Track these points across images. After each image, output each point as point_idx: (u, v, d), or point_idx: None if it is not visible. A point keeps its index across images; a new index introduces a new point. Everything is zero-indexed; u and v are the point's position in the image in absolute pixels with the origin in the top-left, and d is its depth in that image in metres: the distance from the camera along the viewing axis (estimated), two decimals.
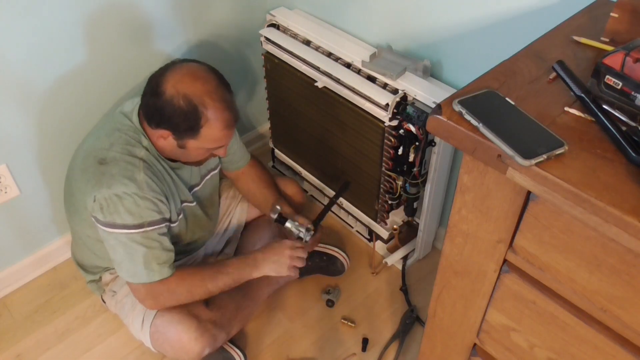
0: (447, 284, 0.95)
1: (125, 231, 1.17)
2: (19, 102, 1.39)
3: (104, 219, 1.17)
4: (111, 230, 1.18)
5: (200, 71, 1.17)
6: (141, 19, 1.50)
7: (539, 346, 0.85)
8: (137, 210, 1.17)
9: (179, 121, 1.15)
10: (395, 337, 1.53)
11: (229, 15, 1.71)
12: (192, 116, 1.14)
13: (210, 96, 1.15)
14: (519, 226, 0.75)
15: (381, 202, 1.60)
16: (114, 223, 1.17)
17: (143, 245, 1.19)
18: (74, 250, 1.48)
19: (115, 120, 1.23)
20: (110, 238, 1.19)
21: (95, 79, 1.50)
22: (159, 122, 1.17)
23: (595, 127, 0.68)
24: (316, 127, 1.65)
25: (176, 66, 1.17)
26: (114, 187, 1.15)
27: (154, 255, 1.21)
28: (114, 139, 1.20)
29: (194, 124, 1.16)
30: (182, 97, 1.13)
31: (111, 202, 1.15)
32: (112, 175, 1.16)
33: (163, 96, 1.13)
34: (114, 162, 1.17)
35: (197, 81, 1.15)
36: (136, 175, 1.17)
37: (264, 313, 1.59)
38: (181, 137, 1.19)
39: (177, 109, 1.13)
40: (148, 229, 1.19)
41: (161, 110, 1.15)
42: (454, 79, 1.39)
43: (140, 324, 1.34)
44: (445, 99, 0.72)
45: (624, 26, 0.80)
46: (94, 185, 1.16)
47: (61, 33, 1.37)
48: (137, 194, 1.16)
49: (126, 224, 1.17)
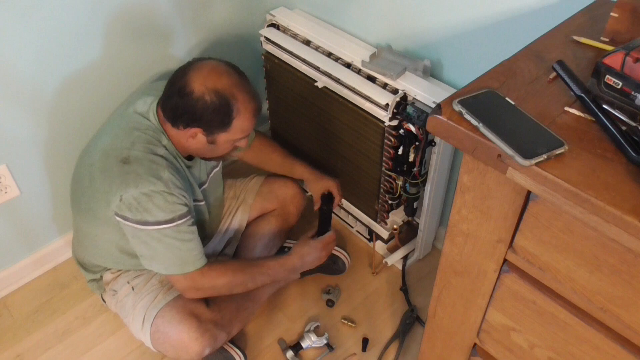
0: (447, 284, 0.95)
1: (157, 227, 1.20)
2: (19, 102, 1.39)
3: (134, 217, 1.18)
4: (143, 227, 1.20)
5: (221, 66, 1.21)
6: (141, 20, 1.50)
7: (539, 346, 0.85)
8: (167, 207, 1.19)
9: (212, 117, 1.18)
10: (395, 337, 1.53)
11: (229, 15, 1.71)
12: (224, 110, 1.18)
13: (237, 88, 1.19)
14: (519, 226, 0.75)
15: (381, 202, 1.60)
16: (146, 221, 1.19)
17: (176, 238, 1.22)
18: (76, 249, 1.47)
19: (131, 119, 1.24)
20: (141, 235, 1.21)
21: (95, 79, 1.50)
22: (188, 121, 1.19)
23: (595, 127, 0.68)
24: (316, 127, 1.65)
25: (196, 65, 1.19)
26: (141, 186, 1.16)
27: (187, 247, 1.24)
28: (134, 138, 1.21)
29: (226, 117, 1.19)
30: (213, 92, 1.16)
31: (141, 201, 1.17)
32: (139, 175, 1.17)
33: (192, 95, 1.16)
34: (138, 161, 1.18)
35: (223, 76, 1.19)
36: (161, 174, 1.19)
37: (264, 313, 1.59)
38: (212, 132, 1.22)
39: (210, 105, 1.16)
40: (179, 222, 1.21)
41: (192, 109, 1.17)
42: (454, 79, 1.39)
43: (140, 324, 1.34)
44: (445, 98, 0.72)
45: (624, 26, 0.80)
46: (119, 184, 1.17)
47: (62, 35, 1.37)
48: (165, 191, 1.18)
49: (158, 220, 1.19)
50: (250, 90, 1.23)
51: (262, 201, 1.63)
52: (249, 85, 1.24)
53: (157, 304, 1.34)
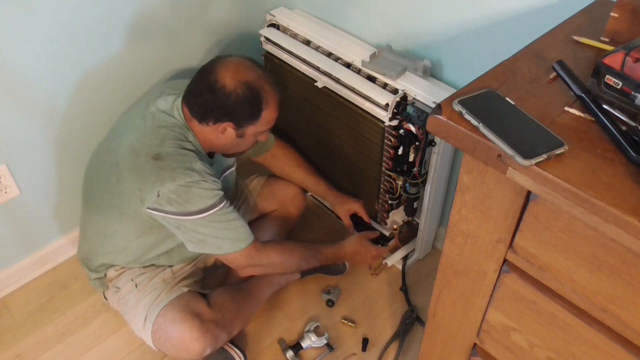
0: (447, 284, 0.95)
1: (201, 215, 1.22)
2: (19, 102, 1.39)
3: (176, 210, 1.20)
4: (186, 217, 1.22)
5: (247, 61, 1.25)
6: (141, 19, 1.50)
7: (539, 346, 0.85)
8: (206, 194, 1.21)
9: (244, 109, 1.22)
10: (395, 337, 1.53)
11: (229, 15, 1.71)
12: (255, 101, 1.22)
13: (265, 80, 1.24)
14: (519, 226, 0.75)
15: (381, 202, 1.60)
16: (189, 211, 1.21)
17: (221, 221, 1.25)
18: (84, 247, 1.45)
19: (156, 118, 1.25)
20: (186, 224, 1.23)
21: (96, 80, 1.50)
22: (220, 116, 1.22)
23: (595, 127, 0.68)
24: (316, 127, 1.65)
25: (224, 61, 1.23)
26: (178, 179, 1.18)
27: (234, 226, 1.28)
28: (162, 135, 1.23)
29: (257, 108, 1.23)
30: (245, 85, 1.20)
31: (180, 193, 1.19)
32: (173, 169, 1.19)
33: (224, 90, 1.19)
34: (170, 156, 1.20)
35: (250, 69, 1.23)
36: (194, 165, 1.21)
37: (264, 313, 1.59)
38: (242, 125, 1.25)
39: (242, 98, 1.20)
40: (220, 205, 1.24)
41: (225, 103, 1.20)
42: (454, 79, 1.39)
43: (142, 322, 1.34)
44: (445, 98, 0.72)
45: (624, 26, 0.80)
46: (154, 181, 1.19)
47: (62, 36, 1.37)
48: (201, 180, 1.21)
49: (200, 208, 1.21)
50: (275, 82, 1.27)
51: (263, 202, 1.64)
52: (273, 77, 1.28)
53: (160, 302, 1.34)
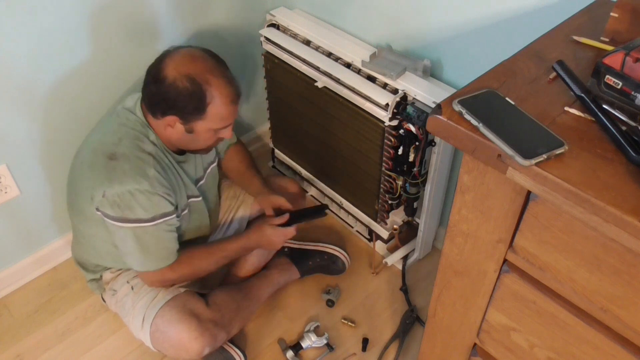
0: (447, 284, 0.95)
1: (137, 225, 1.20)
2: (19, 102, 1.39)
3: (114, 214, 1.18)
4: (122, 224, 1.19)
5: (196, 52, 1.20)
6: (141, 19, 1.50)
7: (539, 346, 0.85)
8: (149, 205, 1.19)
9: (185, 103, 1.17)
10: (395, 337, 1.53)
11: (228, 15, 1.71)
12: (197, 95, 1.16)
13: (211, 73, 1.17)
14: (519, 226, 0.75)
15: (381, 202, 1.60)
16: (127, 218, 1.19)
17: (153, 236, 1.23)
18: (75, 249, 1.47)
19: (120, 116, 1.24)
20: (120, 231, 1.21)
21: (96, 79, 1.50)
22: (164, 109, 1.19)
23: (595, 127, 0.68)
24: (316, 127, 1.65)
25: (172, 52, 1.19)
26: (125, 183, 1.16)
27: (163, 245, 1.25)
28: (121, 134, 1.21)
29: (200, 103, 1.17)
30: (185, 77, 1.15)
31: (124, 199, 1.17)
32: (124, 172, 1.17)
33: (166, 81, 1.15)
34: (125, 157, 1.18)
35: (197, 61, 1.17)
36: (147, 172, 1.19)
37: (264, 313, 1.59)
38: (188, 120, 1.20)
39: (182, 90, 1.15)
40: (159, 221, 1.21)
41: (166, 95, 1.16)
42: (454, 79, 1.39)
43: (140, 323, 1.34)
44: (445, 98, 0.72)
45: (624, 26, 0.80)
46: (103, 180, 1.17)
47: (61, 33, 1.37)
48: (149, 190, 1.18)
49: (139, 218, 1.19)
50: (227, 76, 1.20)
51: None
52: (226, 70, 1.21)
53: (157, 303, 1.34)
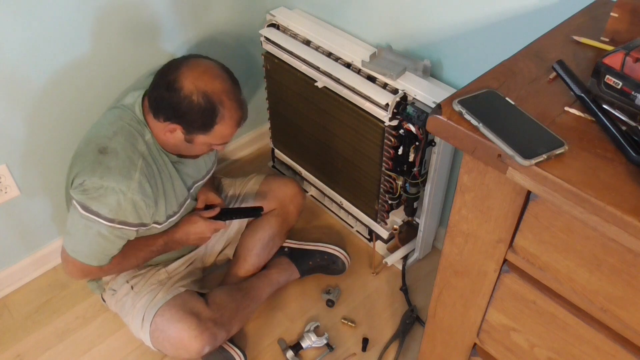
0: (447, 284, 0.95)
1: (94, 218, 1.17)
2: (19, 102, 1.39)
3: (80, 199, 1.17)
4: (82, 211, 1.17)
5: (216, 69, 1.20)
6: (141, 18, 1.50)
7: (539, 346, 0.85)
8: (116, 208, 1.17)
9: (195, 117, 1.17)
10: (395, 337, 1.53)
11: (228, 15, 1.71)
12: (209, 113, 1.17)
13: (227, 95, 1.18)
14: (519, 226, 0.75)
15: (381, 202, 1.60)
16: (89, 207, 1.17)
17: (103, 237, 1.20)
18: None
19: (118, 111, 1.24)
20: (77, 215, 1.19)
21: (96, 79, 1.50)
22: (170, 116, 1.18)
23: (595, 127, 0.68)
24: (316, 127, 1.65)
25: (191, 62, 1.18)
26: (106, 179, 1.15)
27: (105, 248, 1.23)
28: (117, 128, 1.21)
29: (209, 121, 1.18)
30: (202, 94, 1.15)
31: (96, 191, 1.16)
32: (109, 168, 1.16)
33: (181, 92, 1.15)
34: (114, 154, 1.18)
35: (216, 80, 1.17)
36: (132, 174, 1.18)
37: (264, 313, 1.59)
38: (191, 132, 1.21)
39: (195, 106, 1.15)
40: (117, 226, 1.20)
41: (177, 105, 1.16)
42: (454, 79, 1.39)
43: (140, 323, 1.34)
44: (445, 98, 0.72)
45: (624, 26, 0.80)
46: (87, 171, 1.16)
47: (61, 32, 1.37)
48: (125, 193, 1.17)
49: (100, 213, 1.17)
50: (239, 100, 1.22)
51: (262, 201, 1.63)
52: (240, 94, 1.23)
53: (157, 302, 1.34)
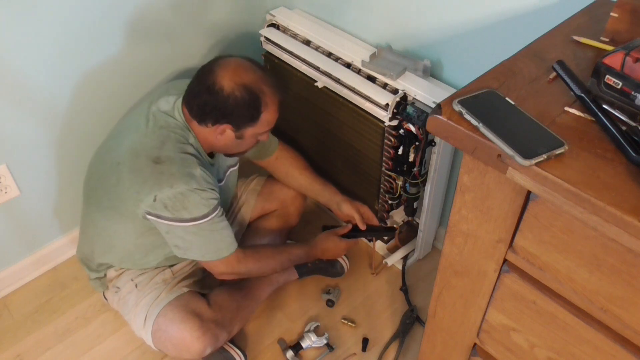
0: (447, 284, 0.95)
1: (193, 223, 1.22)
2: (19, 102, 1.39)
3: (170, 216, 1.20)
4: (179, 224, 1.22)
5: (246, 62, 1.23)
6: (141, 21, 1.50)
7: (539, 346, 0.85)
8: (202, 203, 1.21)
9: (243, 112, 1.21)
10: (395, 337, 1.53)
11: (228, 15, 1.71)
12: (254, 104, 1.21)
13: (265, 83, 1.22)
14: (519, 226, 0.75)
15: (381, 202, 1.60)
16: (182, 218, 1.21)
17: (211, 230, 1.26)
18: (83, 246, 1.45)
19: (157, 118, 1.25)
20: (177, 230, 1.24)
21: (96, 79, 1.50)
22: (218, 118, 1.21)
23: (595, 127, 0.68)
24: (316, 127, 1.65)
25: (221, 62, 1.21)
26: (176, 185, 1.18)
27: (221, 236, 1.29)
28: (163, 137, 1.22)
29: (256, 111, 1.22)
30: (243, 88, 1.18)
31: (177, 200, 1.19)
32: (172, 174, 1.18)
33: (223, 92, 1.18)
34: (170, 160, 1.20)
35: (250, 71, 1.21)
36: (194, 172, 1.21)
37: (264, 313, 1.59)
38: (241, 127, 1.24)
39: (241, 101, 1.19)
40: (213, 215, 1.24)
41: (223, 105, 1.19)
42: (454, 79, 1.39)
43: (142, 322, 1.35)
44: (445, 98, 0.72)
45: (624, 26, 0.80)
46: (152, 185, 1.18)
47: (62, 35, 1.37)
48: (198, 188, 1.20)
49: (194, 216, 1.21)
50: (275, 84, 1.25)
51: (263, 202, 1.64)
52: (273, 78, 1.26)
53: (160, 302, 1.34)
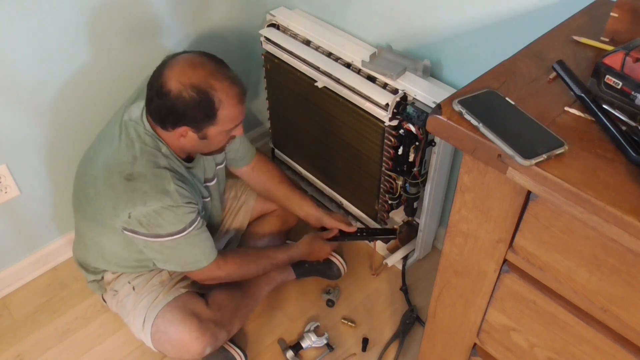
0: (447, 284, 0.95)
1: (169, 238, 1.21)
2: (19, 102, 1.39)
3: (146, 232, 1.19)
4: (155, 239, 1.21)
5: (195, 58, 1.16)
6: (141, 20, 1.50)
7: (539, 346, 0.85)
8: (177, 219, 1.20)
9: (195, 112, 1.15)
10: (395, 337, 1.53)
11: (228, 15, 1.71)
12: (205, 102, 1.14)
13: (214, 77, 1.14)
14: (519, 226, 0.75)
15: (381, 202, 1.60)
16: (158, 234, 1.20)
17: (188, 243, 1.25)
18: (77, 250, 1.46)
19: (129, 129, 1.21)
20: (154, 245, 1.23)
21: (95, 79, 1.50)
22: (174, 121, 1.16)
23: (595, 127, 0.68)
24: (316, 127, 1.65)
25: (169, 63, 1.16)
26: (149, 203, 1.16)
27: (199, 248, 1.28)
28: (135, 152, 1.19)
29: (210, 109, 1.15)
30: (190, 87, 1.12)
31: (151, 218, 1.17)
32: (145, 192, 1.16)
33: (170, 94, 1.13)
34: (143, 177, 1.17)
35: (197, 67, 1.14)
36: (167, 187, 1.18)
37: (264, 313, 1.59)
38: (200, 128, 1.18)
39: (190, 101, 1.13)
40: (190, 229, 1.23)
41: (173, 108, 1.14)
42: (454, 79, 1.39)
43: (141, 324, 1.34)
44: (445, 98, 0.72)
45: (624, 26, 0.80)
46: (126, 202, 1.17)
47: (62, 34, 1.37)
48: (173, 205, 1.18)
49: (169, 232, 1.20)
50: (230, 76, 1.17)
51: (263, 202, 1.64)
52: (228, 71, 1.18)
53: (158, 304, 1.34)
